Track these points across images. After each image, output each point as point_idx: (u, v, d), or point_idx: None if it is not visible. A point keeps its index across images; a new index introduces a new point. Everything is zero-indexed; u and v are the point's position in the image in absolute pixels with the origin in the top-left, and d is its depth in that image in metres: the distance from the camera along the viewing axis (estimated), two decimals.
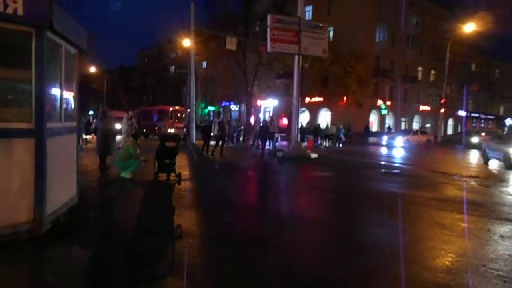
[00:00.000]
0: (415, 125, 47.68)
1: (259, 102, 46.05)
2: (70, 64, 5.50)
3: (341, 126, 26.41)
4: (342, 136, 25.86)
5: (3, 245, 4.16)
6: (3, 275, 3.68)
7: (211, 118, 37.88)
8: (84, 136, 18.43)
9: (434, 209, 7.08)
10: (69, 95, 5.64)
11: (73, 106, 5.83)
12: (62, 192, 5.27)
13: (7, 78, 4.73)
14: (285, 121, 40.33)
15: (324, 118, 42.36)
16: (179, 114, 28.31)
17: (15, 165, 4.40)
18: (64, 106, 5.34)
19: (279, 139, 21.87)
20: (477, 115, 58.41)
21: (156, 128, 26.60)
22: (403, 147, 27.00)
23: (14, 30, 4.26)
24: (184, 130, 23.57)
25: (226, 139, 16.69)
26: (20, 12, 4.16)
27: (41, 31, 4.38)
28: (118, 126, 12.94)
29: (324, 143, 27.24)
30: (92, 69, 46.01)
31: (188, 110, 24.45)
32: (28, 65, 4.42)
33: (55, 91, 5.11)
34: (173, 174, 8.83)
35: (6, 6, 4.10)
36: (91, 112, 56.02)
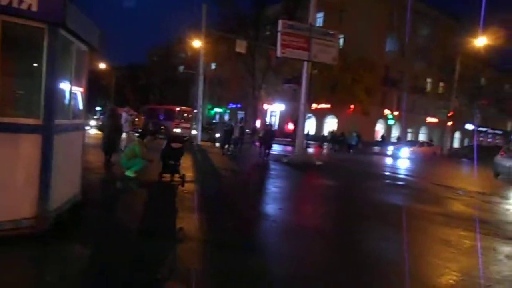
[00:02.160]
0: (422, 137, 47.44)
1: (265, 106, 46.07)
2: (81, 61, 5.51)
3: (355, 134, 29.60)
4: (354, 143, 28.94)
5: (5, 239, 4.14)
6: (3, 271, 3.66)
7: (225, 120, 39.60)
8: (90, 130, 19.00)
9: (438, 224, 7.00)
10: (78, 92, 5.64)
11: (81, 104, 5.82)
12: (66, 188, 5.26)
13: (18, 73, 4.73)
14: (290, 126, 40.29)
15: (330, 125, 42.35)
16: (185, 114, 28.23)
17: (21, 160, 4.39)
18: (73, 102, 5.32)
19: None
20: (485, 129, 58.04)
21: (162, 127, 26.68)
22: (409, 158, 26.82)
23: (27, 26, 4.26)
24: (193, 131, 23.89)
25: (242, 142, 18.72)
26: (34, 8, 4.16)
27: (54, 28, 4.38)
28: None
29: (333, 148, 29.99)
30: (102, 66, 46.27)
31: (195, 110, 24.52)
32: (39, 61, 4.42)
33: (65, 88, 5.11)
34: (177, 175, 8.77)
35: (21, 1, 4.11)
36: (98, 108, 55.97)
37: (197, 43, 25.57)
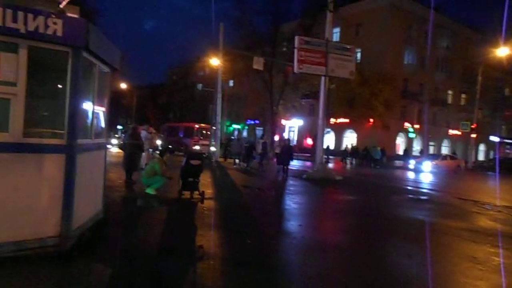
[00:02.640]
0: (444, 150, 46.38)
1: (284, 122, 46.16)
2: (103, 82, 5.66)
3: (379, 148, 29.93)
4: (378, 157, 29.26)
5: (30, 258, 4.22)
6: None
7: (243, 136, 42.58)
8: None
9: (465, 240, 6.76)
10: (100, 112, 5.79)
11: (103, 123, 5.95)
12: (88, 207, 5.35)
13: (43, 95, 4.90)
14: (309, 141, 40.73)
15: (350, 139, 41.95)
16: (204, 131, 28.57)
17: (45, 179, 4.51)
18: (95, 122, 5.46)
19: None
20: (510, 141, 56.29)
21: (182, 145, 26.98)
22: (431, 172, 26.20)
23: (53, 50, 4.43)
24: (212, 147, 24.02)
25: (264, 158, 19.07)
26: (59, 33, 4.33)
27: (77, 51, 4.53)
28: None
29: (352, 163, 30.45)
30: (123, 85, 47.53)
31: (213, 127, 24.94)
32: (63, 82, 4.57)
33: (87, 108, 5.25)
34: (196, 192, 8.83)
35: (47, 27, 4.28)
36: (120, 127, 57.79)
37: (215, 61, 26.03)
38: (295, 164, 20.28)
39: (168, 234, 6.05)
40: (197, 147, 25.90)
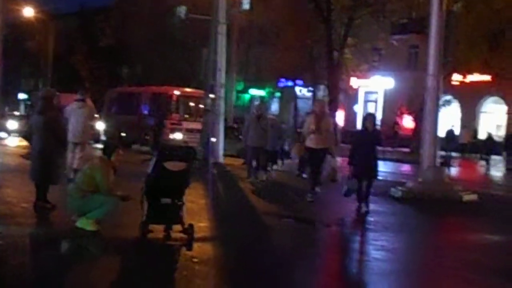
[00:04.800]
0: None
1: (354, 82, 25.46)
2: None
3: None
4: None
5: None
6: None
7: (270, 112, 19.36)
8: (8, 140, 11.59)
9: None
10: None
11: None
12: None
13: None
14: (407, 122, 23.41)
15: (492, 117, 23.76)
16: (192, 104, 15.93)
17: None
18: None
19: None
20: None
21: (147, 130, 15.09)
22: None
23: None
24: (208, 137, 11.87)
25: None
26: None
27: None
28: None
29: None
30: (28, 12, 26.51)
31: (212, 96, 12.25)
32: None
33: None
34: (177, 226, 4.73)
35: None
36: (22, 96, 32.98)
37: None
38: (380, 168, 8.83)
39: None
40: (177, 136, 14.52)
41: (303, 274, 4.09)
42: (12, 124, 16.58)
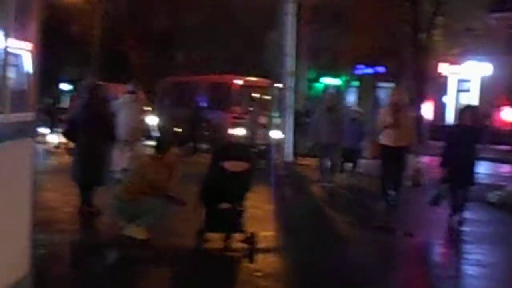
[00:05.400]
0: None
1: (444, 68, 21.48)
2: None
3: None
4: None
5: None
6: None
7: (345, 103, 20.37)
8: (50, 137, 10.74)
9: None
10: (21, 53, 2.94)
11: (28, 78, 2.86)
12: None
13: None
14: (507, 114, 20.00)
15: None
16: (256, 95, 14.06)
17: None
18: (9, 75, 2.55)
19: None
20: None
21: (204, 126, 13.68)
22: None
23: None
24: (274, 132, 10.78)
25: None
26: None
27: None
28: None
29: None
30: None
31: (278, 85, 11.17)
32: None
33: None
34: (237, 235, 4.22)
35: None
36: (66, 87, 27.55)
37: None
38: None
39: None
40: (239, 131, 12.68)
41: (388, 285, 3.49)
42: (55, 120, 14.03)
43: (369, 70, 23.08)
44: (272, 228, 5.28)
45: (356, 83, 25.80)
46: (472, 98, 21.77)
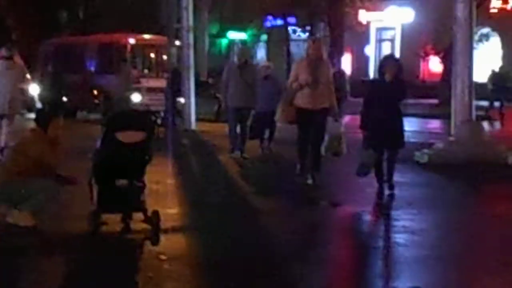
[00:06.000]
0: None
1: (363, 16, 19.62)
2: None
3: None
4: None
5: None
6: None
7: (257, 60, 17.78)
8: None
9: None
10: None
11: None
12: None
13: None
14: (434, 65, 18.97)
15: None
16: (152, 55, 13.32)
17: None
18: None
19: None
20: None
21: (96, 92, 12.59)
22: None
23: None
24: (179, 98, 10.34)
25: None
26: None
27: None
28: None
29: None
30: None
31: (177, 42, 10.94)
32: None
33: None
34: (138, 214, 3.91)
35: None
36: None
37: None
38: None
39: None
40: (134, 97, 11.45)
41: (302, 269, 3.17)
42: None
43: (279, 22, 20.72)
44: (177, 205, 4.92)
45: (264, 37, 23.22)
46: (396, 48, 20.55)
